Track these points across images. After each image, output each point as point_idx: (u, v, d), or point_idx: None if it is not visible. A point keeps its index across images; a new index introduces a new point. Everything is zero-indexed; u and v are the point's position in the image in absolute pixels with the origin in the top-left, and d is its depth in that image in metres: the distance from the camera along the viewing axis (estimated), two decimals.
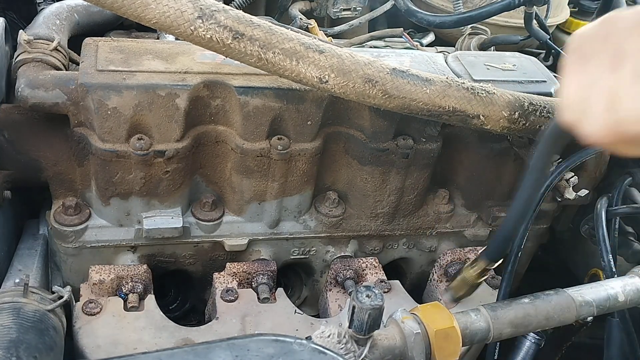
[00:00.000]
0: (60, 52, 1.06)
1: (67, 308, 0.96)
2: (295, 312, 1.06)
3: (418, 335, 0.82)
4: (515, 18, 1.64)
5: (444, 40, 1.73)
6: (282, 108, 1.03)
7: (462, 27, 1.59)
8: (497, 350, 1.04)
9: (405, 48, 1.58)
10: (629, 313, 1.07)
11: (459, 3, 1.61)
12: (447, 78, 0.96)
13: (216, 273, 1.10)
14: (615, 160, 1.31)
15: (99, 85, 0.95)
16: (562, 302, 0.94)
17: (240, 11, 0.87)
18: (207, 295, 1.16)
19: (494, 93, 0.97)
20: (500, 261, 0.96)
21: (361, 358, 0.77)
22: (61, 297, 0.91)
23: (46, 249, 1.13)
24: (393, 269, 1.30)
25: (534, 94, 1.04)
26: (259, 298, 1.07)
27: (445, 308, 0.87)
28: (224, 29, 0.84)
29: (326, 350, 0.72)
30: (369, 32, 1.67)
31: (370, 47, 1.57)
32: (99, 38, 1.08)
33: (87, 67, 0.98)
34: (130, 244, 1.09)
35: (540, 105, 1.00)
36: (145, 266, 1.07)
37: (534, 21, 1.49)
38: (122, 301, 1.02)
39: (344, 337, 0.77)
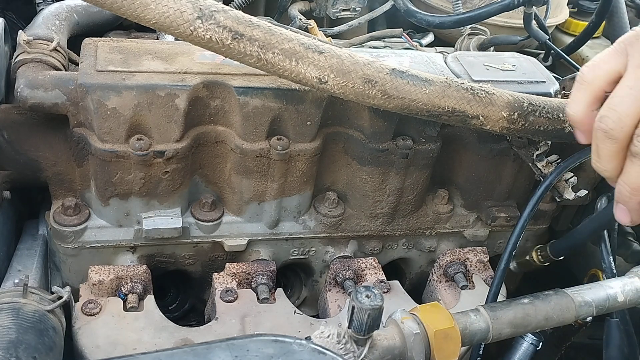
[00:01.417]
0: (60, 52, 1.06)
1: (67, 308, 0.96)
2: (295, 312, 1.06)
3: (417, 335, 0.82)
4: (515, 18, 1.64)
5: (443, 41, 1.73)
6: (282, 108, 1.03)
7: (462, 28, 1.59)
8: (482, 347, 1.04)
9: (404, 48, 1.58)
10: (629, 314, 1.07)
11: (458, 3, 1.61)
12: (446, 78, 0.96)
13: (215, 273, 1.10)
14: None
15: (99, 85, 0.95)
16: (561, 303, 0.94)
17: (240, 12, 0.87)
18: (206, 295, 1.16)
19: (493, 93, 0.97)
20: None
21: (360, 358, 0.77)
22: (60, 297, 0.91)
23: (45, 250, 1.13)
24: (392, 269, 1.30)
25: (533, 94, 1.04)
26: (258, 298, 1.07)
27: (444, 308, 0.87)
28: (223, 29, 0.84)
29: (326, 351, 0.72)
30: (368, 33, 1.67)
31: (370, 47, 1.57)
32: (99, 38, 1.07)
33: (87, 68, 0.98)
34: (130, 244, 1.09)
35: (540, 106, 1.00)
36: (144, 266, 1.07)
37: (533, 21, 1.49)
38: (122, 301, 1.02)
39: (344, 337, 0.77)
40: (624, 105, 0.80)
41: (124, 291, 1.03)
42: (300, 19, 1.57)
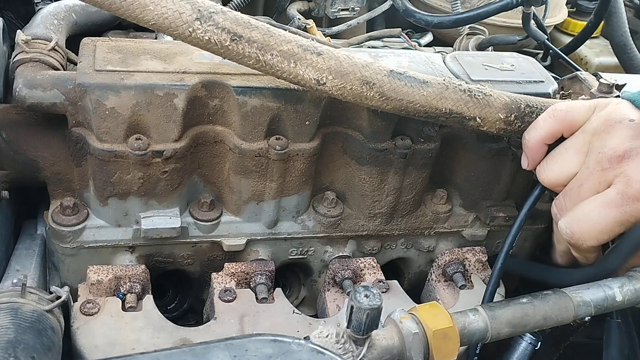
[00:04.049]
0: (58, 52, 1.06)
1: (65, 308, 0.96)
2: (294, 312, 1.06)
3: (416, 335, 0.82)
4: (513, 18, 1.65)
5: (442, 41, 1.73)
6: (281, 108, 1.03)
7: (460, 28, 1.59)
8: (479, 346, 1.04)
9: (403, 48, 1.58)
10: (631, 315, 1.07)
11: (457, 3, 1.62)
12: (444, 80, 0.96)
13: (214, 273, 1.10)
14: None
15: (97, 85, 0.95)
16: (560, 302, 0.94)
17: (239, 13, 0.87)
18: (205, 295, 1.16)
19: (490, 95, 0.98)
20: None
21: (359, 358, 0.77)
22: (59, 297, 0.91)
23: (44, 249, 1.13)
24: (391, 269, 1.30)
25: (531, 94, 1.04)
26: (257, 298, 1.07)
27: (443, 308, 0.87)
28: (222, 30, 0.84)
29: (324, 350, 0.72)
30: (367, 32, 1.67)
31: (369, 47, 1.57)
32: (97, 38, 1.07)
33: (85, 67, 0.98)
34: (129, 244, 1.08)
35: (537, 107, 1.00)
36: (143, 266, 1.07)
37: (532, 21, 1.50)
38: (120, 301, 1.02)
39: (342, 337, 0.77)
40: (558, 164, 0.94)
41: (122, 291, 1.03)
42: (299, 18, 1.57)
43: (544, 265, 1.08)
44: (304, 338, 0.75)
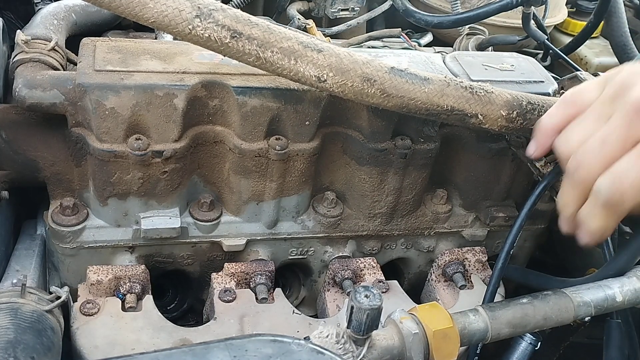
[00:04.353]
0: (58, 52, 1.06)
1: (65, 308, 0.96)
2: (294, 312, 1.06)
3: (416, 335, 0.82)
4: (513, 18, 1.65)
5: (441, 41, 1.73)
6: (280, 108, 1.02)
7: (460, 28, 1.59)
8: (479, 347, 1.04)
9: (403, 48, 1.58)
10: (631, 315, 1.07)
11: (456, 3, 1.62)
12: (445, 77, 0.95)
13: (214, 273, 1.10)
14: None
15: (97, 85, 0.95)
16: (560, 303, 0.94)
17: (239, 10, 0.87)
18: (205, 295, 1.16)
19: (492, 92, 0.97)
20: None
21: (359, 358, 0.77)
22: (59, 297, 0.91)
23: (44, 250, 1.13)
24: (391, 269, 1.30)
25: (531, 94, 1.04)
26: (257, 298, 1.07)
27: (443, 308, 0.87)
28: (222, 28, 0.84)
29: (324, 351, 0.72)
30: (366, 33, 1.67)
31: (368, 47, 1.57)
32: (97, 38, 1.07)
33: (85, 67, 0.98)
34: (128, 244, 1.08)
35: (539, 105, 1.00)
36: (143, 266, 1.06)
37: (532, 21, 1.50)
38: (120, 301, 1.02)
39: (342, 337, 0.77)
40: (579, 134, 0.87)
41: (122, 291, 1.03)
42: (298, 18, 1.57)
43: (546, 275, 1.07)
44: (304, 338, 0.75)
